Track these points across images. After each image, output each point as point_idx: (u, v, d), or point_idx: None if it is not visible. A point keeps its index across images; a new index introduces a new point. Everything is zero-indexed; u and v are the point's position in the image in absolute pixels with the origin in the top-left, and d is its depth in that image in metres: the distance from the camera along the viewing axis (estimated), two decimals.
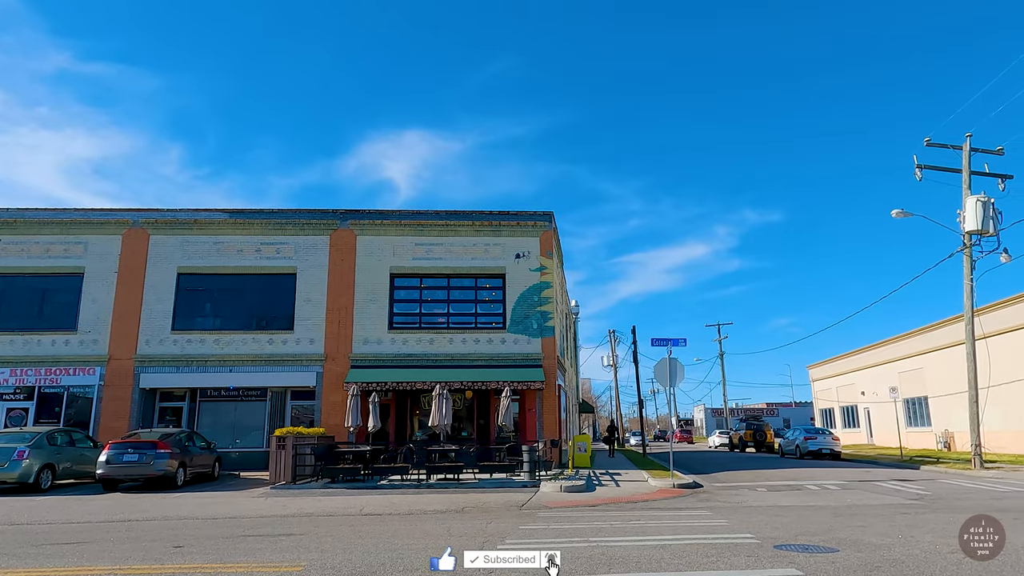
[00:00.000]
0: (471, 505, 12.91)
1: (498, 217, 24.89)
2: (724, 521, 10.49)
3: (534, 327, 24.02)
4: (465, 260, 24.56)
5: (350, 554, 7.69)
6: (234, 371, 23.49)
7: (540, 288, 24.37)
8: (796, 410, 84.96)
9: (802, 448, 30.91)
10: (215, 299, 24.41)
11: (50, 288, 24.19)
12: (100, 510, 12.83)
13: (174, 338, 23.68)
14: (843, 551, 7.62)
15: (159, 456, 16.96)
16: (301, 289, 24.17)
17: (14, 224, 24.39)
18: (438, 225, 24.75)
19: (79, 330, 23.62)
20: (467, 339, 23.91)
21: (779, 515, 11.19)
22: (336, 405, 22.91)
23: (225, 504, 13.69)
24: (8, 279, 24.11)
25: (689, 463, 28.06)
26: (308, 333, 23.83)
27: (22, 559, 7.73)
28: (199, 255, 24.42)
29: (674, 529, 9.67)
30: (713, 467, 25.55)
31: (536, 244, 24.78)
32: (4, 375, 23.19)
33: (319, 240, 24.68)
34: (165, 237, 24.54)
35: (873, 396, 41.99)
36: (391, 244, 24.65)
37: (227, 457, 21.73)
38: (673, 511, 12.08)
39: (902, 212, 23.14)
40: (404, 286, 24.62)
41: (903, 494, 14.68)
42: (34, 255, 24.24)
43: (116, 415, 22.88)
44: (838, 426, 48.66)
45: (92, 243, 24.40)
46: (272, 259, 24.47)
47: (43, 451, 17.06)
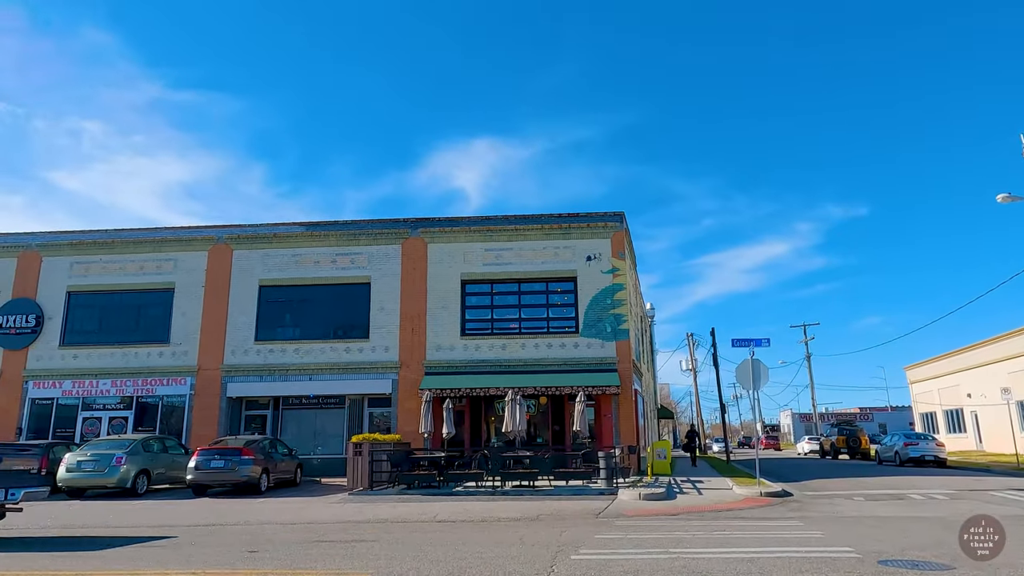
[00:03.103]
0: (546, 513, 12.56)
1: (567, 219, 24.52)
2: (818, 532, 9.69)
3: (608, 330, 23.45)
4: (535, 264, 24.31)
5: (419, 562, 7.51)
6: (314, 379, 24.10)
7: (613, 290, 23.80)
8: (892, 414, 79.90)
9: (902, 455, 28.80)
10: (294, 310, 25.16)
11: (144, 303, 25.60)
12: (187, 514, 13.27)
13: (257, 348, 24.53)
14: (959, 568, 6.79)
15: (243, 462, 17.49)
16: (375, 298, 24.56)
17: (112, 244, 25.99)
18: (507, 230, 24.62)
19: (171, 342, 24.86)
20: (539, 344, 23.61)
21: (880, 527, 10.25)
22: (411, 412, 23.08)
23: (303, 509, 13.90)
24: (108, 296, 25.68)
25: (777, 470, 26.63)
26: (383, 341, 24.17)
27: (105, 560, 7.96)
28: (279, 268, 25.25)
29: (762, 541, 8.99)
30: (803, 475, 24.12)
31: (607, 246, 24.23)
32: (106, 386, 24.68)
33: (391, 249, 25.03)
34: (247, 251, 25.53)
35: (981, 398, 38.76)
36: (461, 251, 24.70)
37: (308, 463, 22.26)
38: (761, 521, 11.32)
39: (1009, 196, 21.21)
40: (475, 292, 24.59)
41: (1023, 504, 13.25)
42: (130, 272, 25.74)
43: (205, 423, 23.89)
44: (941, 431, 45.23)
45: (181, 259, 25.68)
46: (347, 269, 25.01)
47: (139, 457, 17.93)
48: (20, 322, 25.25)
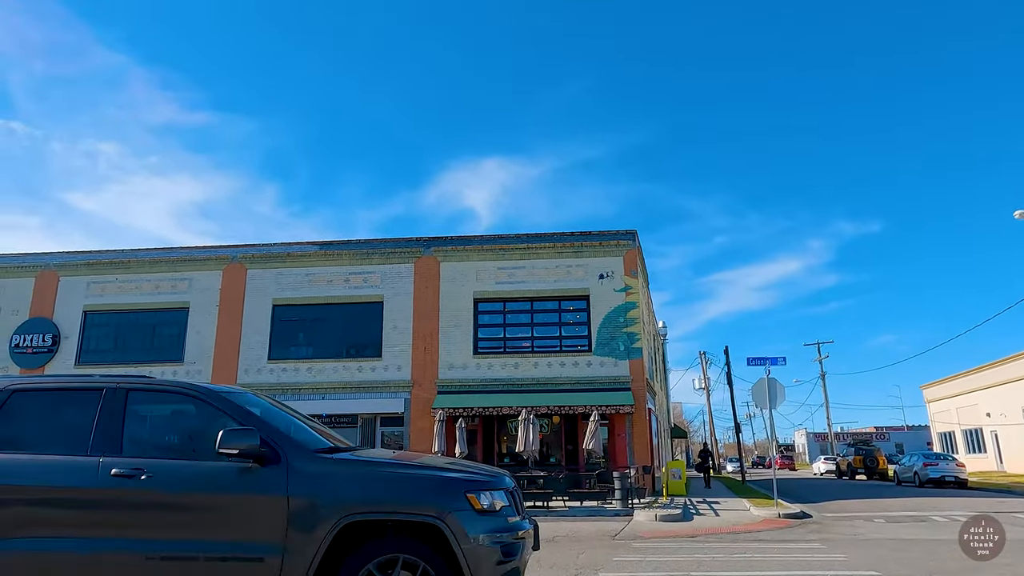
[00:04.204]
0: (561, 534, 12.41)
1: (580, 238, 24.53)
2: (841, 555, 9.51)
3: (621, 349, 23.33)
4: (548, 282, 24.29)
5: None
6: (326, 398, 24.08)
7: (626, 308, 23.71)
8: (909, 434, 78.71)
9: (921, 475, 28.32)
10: (307, 328, 25.23)
11: (159, 322, 25.78)
12: None
13: (270, 367, 24.59)
14: None
15: None
16: (388, 316, 24.60)
17: (128, 264, 26.25)
18: (519, 248, 24.66)
19: (185, 361, 24.96)
20: (552, 362, 23.51)
21: (905, 550, 10.04)
22: (424, 431, 22.99)
23: None
24: (123, 315, 25.89)
25: (794, 491, 26.24)
26: (395, 360, 24.16)
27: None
28: (292, 287, 25.38)
29: (785, 564, 8.83)
30: (821, 495, 23.74)
31: (620, 264, 24.19)
32: None
33: (404, 268, 25.11)
34: (261, 271, 25.69)
35: (1001, 418, 38.14)
36: (474, 269, 24.74)
37: None
38: (781, 543, 11.12)
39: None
40: (488, 311, 24.58)
41: None
42: (145, 292, 25.96)
43: None
44: (960, 451, 44.47)
45: (196, 279, 25.87)
46: (360, 288, 25.10)
47: None
48: (37, 341, 25.47)
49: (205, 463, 4.61)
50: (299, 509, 4.43)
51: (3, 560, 4.34)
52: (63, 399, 4.92)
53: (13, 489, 4.46)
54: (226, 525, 4.45)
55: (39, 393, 4.94)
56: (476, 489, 4.63)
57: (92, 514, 4.44)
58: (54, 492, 4.48)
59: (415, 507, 4.49)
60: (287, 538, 4.39)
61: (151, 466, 4.56)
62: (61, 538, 4.40)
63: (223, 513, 4.48)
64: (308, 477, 4.52)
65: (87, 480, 4.48)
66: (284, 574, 4.38)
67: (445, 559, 4.44)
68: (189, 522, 4.46)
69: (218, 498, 4.51)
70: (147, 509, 4.48)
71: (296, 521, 4.41)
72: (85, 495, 4.46)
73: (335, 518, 4.39)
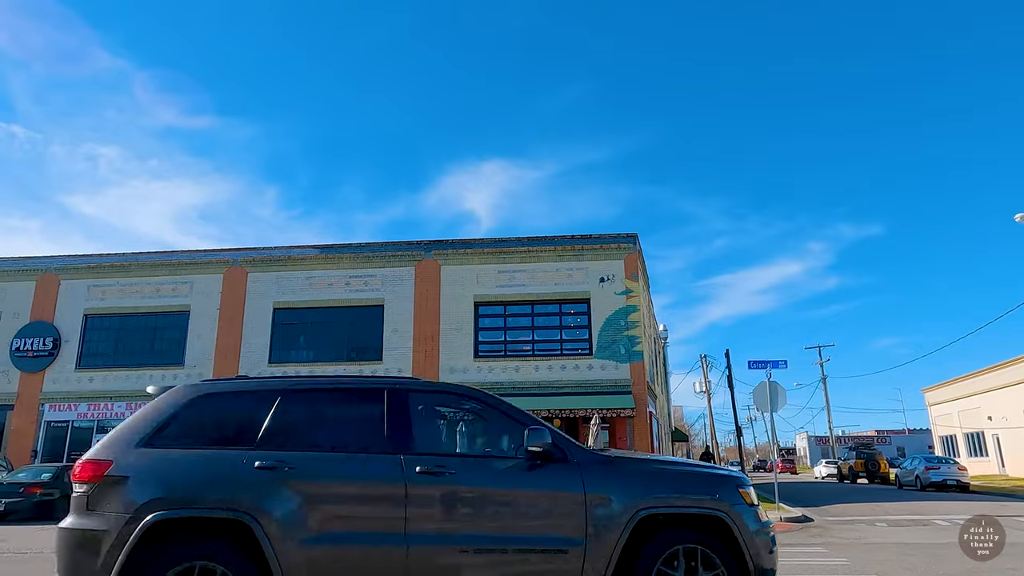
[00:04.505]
0: None
1: (580, 241, 24.54)
2: (843, 560, 9.47)
3: (622, 352, 23.31)
4: (548, 286, 24.29)
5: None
6: None
7: (626, 312, 23.70)
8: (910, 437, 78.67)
9: (923, 479, 28.24)
10: (308, 332, 25.23)
11: (160, 325, 25.79)
12: None
13: (271, 371, 24.58)
14: None
15: None
16: (389, 320, 24.60)
17: (129, 268, 26.27)
18: (520, 252, 24.67)
19: (186, 365, 24.96)
20: (553, 366, 23.50)
21: (908, 554, 10.00)
22: None
23: None
24: (124, 318, 25.90)
25: (795, 495, 26.18)
26: (396, 363, 24.15)
27: None
28: (292, 290, 25.39)
29: (787, 568, 8.79)
30: (822, 499, 23.69)
31: (620, 267, 24.20)
32: (121, 408, 24.77)
33: (405, 271, 25.12)
34: (261, 274, 25.70)
35: (1003, 421, 38.08)
36: (474, 273, 24.74)
37: None
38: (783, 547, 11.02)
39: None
40: (488, 314, 24.58)
41: None
42: (146, 295, 25.98)
43: None
44: (962, 455, 44.40)
45: (197, 282, 25.89)
46: (360, 291, 25.10)
47: None
48: (37, 345, 25.48)
49: (502, 460, 4.85)
50: (595, 504, 4.68)
51: (321, 555, 4.45)
52: (342, 399, 5.07)
53: (322, 486, 4.58)
54: (530, 519, 4.65)
55: (316, 393, 5.07)
56: (744, 485, 5.03)
57: (402, 509, 4.57)
58: (363, 489, 4.62)
59: (700, 501, 4.81)
60: (587, 532, 4.62)
61: (451, 463, 4.74)
62: (374, 532, 4.54)
63: (526, 508, 4.68)
64: (597, 474, 4.79)
65: (393, 477, 4.62)
66: (586, 565, 4.59)
67: (729, 550, 4.78)
68: (495, 516, 4.65)
69: (520, 493, 4.71)
70: (455, 504, 4.65)
71: (594, 515, 4.65)
72: (393, 491, 4.59)
73: (630, 512, 4.66)
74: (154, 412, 4.82)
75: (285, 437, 4.77)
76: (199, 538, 4.45)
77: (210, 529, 4.50)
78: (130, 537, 4.31)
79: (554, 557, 4.59)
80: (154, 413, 4.82)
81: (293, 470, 4.56)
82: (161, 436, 4.70)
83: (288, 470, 4.56)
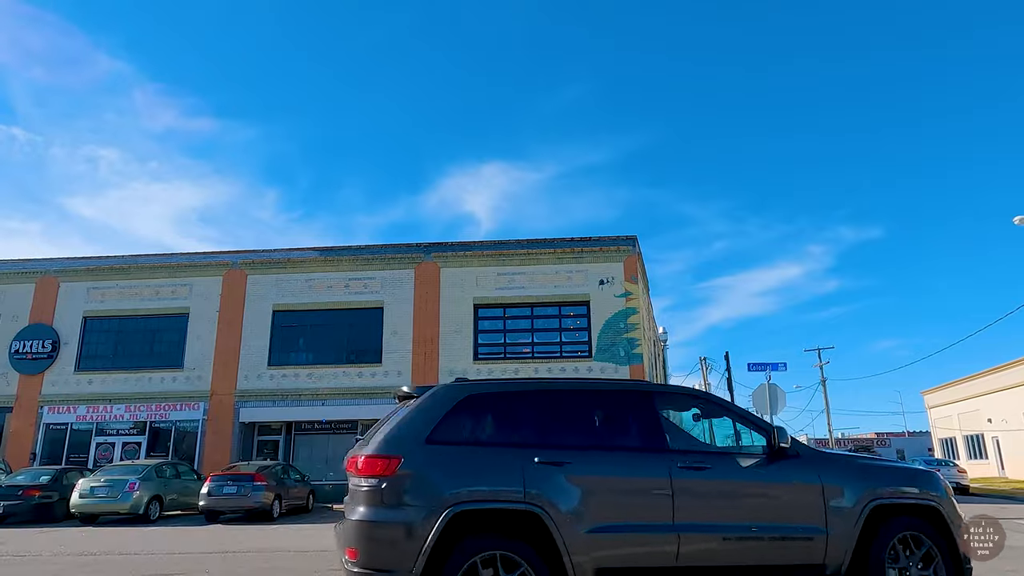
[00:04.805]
0: None
1: (580, 243, 24.55)
2: None
3: (621, 354, 23.31)
4: (548, 288, 24.30)
5: None
6: (326, 404, 24.05)
7: (626, 314, 23.71)
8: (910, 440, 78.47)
9: None
10: (307, 334, 25.22)
11: (159, 328, 25.77)
12: (200, 542, 13.16)
13: (270, 373, 24.56)
14: None
15: (256, 488, 17.38)
16: (388, 322, 24.59)
17: (128, 270, 26.26)
18: (519, 254, 24.68)
19: (185, 367, 24.94)
20: (552, 368, 23.49)
21: None
22: None
23: (316, 537, 13.75)
24: (123, 320, 25.88)
25: None
26: (396, 365, 24.14)
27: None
28: (292, 293, 25.38)
29: None
30: None
31: (620, 269, 24.21)
32: (120, 411, 24.75)
33: (404, 274, 25.12)
34: (261, 276, 25.70)
35: (1003, 423, 38.07)
36: (474, 275, 24.75)
37: (320, 489, 22.11)
38: None
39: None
40: (488, 316, 24.59)
41: None
42: (145, 297, 25.96)
43: (218, 448, 23.85)
44: (962, 457, 44.38)
45: (196, 284, 25.87)
46: (360, 294, 25.10)
47: (152, 483, 17.87)
48: (36, 347, 25.46)
49: (746, 456, 5.38)
50: (832, 495, 5.19)
51: (604, 542, 4.86)
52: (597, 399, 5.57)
53: (598, 480, 5.02)
54: (778, 509, 5.18)
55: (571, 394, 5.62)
56: (941, 480, 5.64)
57: (669, 500, 5.01)
58: (634, 482, 5.08)
59: (921, 493, 5.40)
60: (827, 520, 5.13)
61: (706, 459, 5.26)
62: (648, 522, 4.98)
63: (774, 498, 5.21)
64: (828, 468, 5.35)
65: (659, 471, 5.08)
66: (829, 551, 5.07)
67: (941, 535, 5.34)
68: (749, 506, 5.16)
69: (767, 486, 5.24)
70: (714, 495, 5.14)
71: (831, 505, 5.16)
72: (661, 484, 5.04)
73: (864, 502, 5.20)
74: (427, 411, 5.20)
75: (552, 434, 5.23)
76: (492, 529, 4.83)
77: (501, 520, 4.87)
78: (433, 528, 4.64)
79: (801, 544, 5.06)
80: (427, 412, 5.19)
81: (570, 465, 4.97)
82: (438, 434, 5.07)
83: (566, 465, 4.96)
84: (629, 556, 4.89)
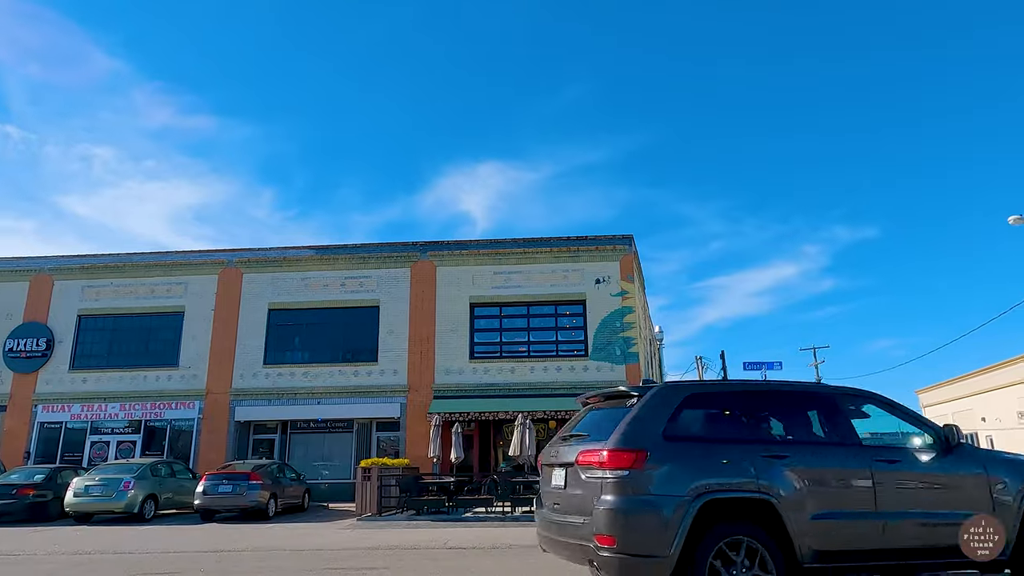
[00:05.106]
0: None
1: (576, 242, 24.56)
2: None
3: (617, 354, 23.33)
4: (544, 287, 24.30)
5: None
6: (322, 403, 24.01)
7: (622, 313, 23.72)
8: None
9: None
10: (303, 333, 25.16)
11: (154, 326, 25.68)
12: (195, 541, 13.13)
13: (266, 372, 24.51)
14: None
15: (252, 487, 17.35)
16: (384, 321, 24.56)
17: (123, 268, 26.17)
18: (516, 253, 24.67)
19: (180, 366, 24.87)
20: (548, 367, 23.50)
21: None
22: (420, 435, 22.93)
23: (311, 535, 13.74)
24: (118, 319, 25.79)
25: None
26: (392, 364, 24.12)
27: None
28: (288, 291, 25.33)
29: None
30: None
31: (616, 268, 24.22)
32: (115, 410, 24.66)
33: (400, 272, 25.09)
34: (257, 275, 25.64)
35: (996, 423, 38.22)
36: (470, 274, 24.73)
37: (316, 488, 22.08)
38: None
39: (1020, 218, 21.14)
40: (484, 315, 24.57)
41: None
42: (140, 296, 25.87)
43: (213, 447, 23.80)
44: None
45: (192, 283, 25.80)
46: (356, 292, 25.06)
47: (146, 482, 17.82)
48: (30, 346, 25.35)
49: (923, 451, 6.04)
50: (996, 485, 5.93)
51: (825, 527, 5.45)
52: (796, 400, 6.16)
53: (816, 472, 5.59)
54: (955, 497, 5.84)
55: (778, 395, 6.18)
56: None
57: (871, 490, 5.67)
58: (844, 474, 5.67)
59: None
60: (993, 507, 5.83)
61: (894, 454, 5.91)
62: (857, 510, 5.59)
63: (953, 488, 5.88)
64: (988, 462, 6.06)
65: (863, 464, 5.73)
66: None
67: None
68: (934, 495, 5.83)
69: (945, 477, 5.90)
70: (905, 485, 5.80)
71: (995, 494, 5.89)
72: (864, 475, 5.69)
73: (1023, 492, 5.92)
74: (656, 409, 5.66)
75: (765, 431, 5.87)
76: (732, 516, 5.32)
77: (737, 509, 5.35)
78: (686, 516, 5.10)
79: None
80: (656, 411, 5.65)
81: (791, 458, 5.55)
82: (669, 430, 5.55)
83: (787, 459, 5.53)
84: (845, 540, 5.47)
